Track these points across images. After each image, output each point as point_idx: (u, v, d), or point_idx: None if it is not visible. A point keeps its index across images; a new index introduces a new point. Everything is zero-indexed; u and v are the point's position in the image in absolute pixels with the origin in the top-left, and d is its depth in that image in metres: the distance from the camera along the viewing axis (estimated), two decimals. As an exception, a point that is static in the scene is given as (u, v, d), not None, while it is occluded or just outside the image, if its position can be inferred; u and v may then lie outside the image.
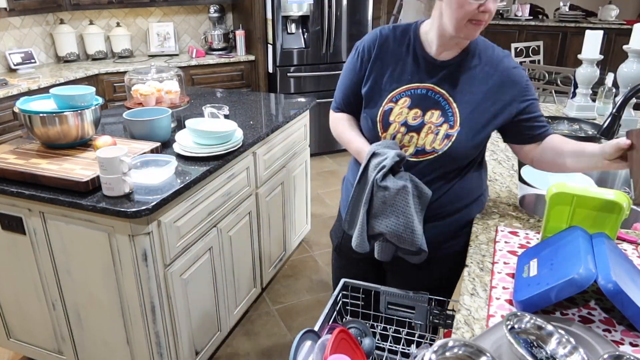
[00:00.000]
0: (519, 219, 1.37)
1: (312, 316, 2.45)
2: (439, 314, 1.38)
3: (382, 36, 1.33)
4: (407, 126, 1.28)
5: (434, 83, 1.27)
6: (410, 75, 1.29)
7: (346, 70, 1.40)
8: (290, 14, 3.96)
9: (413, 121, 1.27)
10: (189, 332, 1.87)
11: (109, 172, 1.52)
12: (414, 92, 1.28)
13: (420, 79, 1.28)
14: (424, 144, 1.27)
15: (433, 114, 1.26)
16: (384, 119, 1.30)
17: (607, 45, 5.00)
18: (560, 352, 0.81)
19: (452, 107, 1.26)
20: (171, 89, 2.22)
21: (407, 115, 1.28)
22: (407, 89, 1.29)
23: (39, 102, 1.88)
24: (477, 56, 1.27)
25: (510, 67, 1.27)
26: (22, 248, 1.76)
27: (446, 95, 1.26)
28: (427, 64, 1.28)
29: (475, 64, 1.27)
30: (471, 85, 1.26)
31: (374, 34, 1.35)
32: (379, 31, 1.35)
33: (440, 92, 1.27)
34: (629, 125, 2.01)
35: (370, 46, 1.34)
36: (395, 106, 1.29)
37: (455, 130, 1.24)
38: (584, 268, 0.89)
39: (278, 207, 2.50)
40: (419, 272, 1.43)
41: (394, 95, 1.30)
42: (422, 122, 1.27)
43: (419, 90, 1.28)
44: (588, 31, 2.14)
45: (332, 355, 1.12)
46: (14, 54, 3.50)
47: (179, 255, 1.74)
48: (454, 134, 1.24)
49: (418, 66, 1.29)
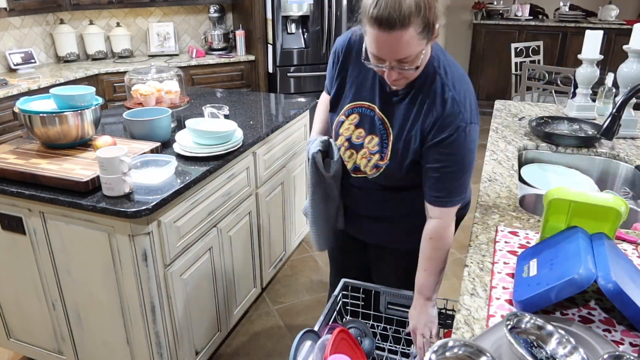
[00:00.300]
0: (519, 219, 1.37)
1: (312, 316, 2.45)
2: (439, 314, 1.38)
3: (350, 43, 1.33)
4: (350, 143, 1.34)
5: (381, 109, 1.29)
6: (367, 93, 1.31)
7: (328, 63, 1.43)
8: (290, 14, 3.96)
9: (356, 140, 1.33)
10: (189, 332, 1.87)
11: (109, 172, 1.52)
12: (364, 112, 1.32)
13: (373, 100, 1.30)
14: (360, 165, 1.35)
15: (372, 139, 1.30)
16: (336, 129, 1.37)
17: (607, 45, 5.00)
18: (560, 352, 0.81)
19: (388, 139, 1.28)
20: (171, 89, 2.22)
21: (352, 132, 1.33)
22: (360, 106, 1.32)
23: (39, 102, 1.88)
24: (421, 91, 1.22)
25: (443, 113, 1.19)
26: (22, 248, 1.76)
27: (387, 125, 1.28)
28: (381, 86, 1.28)
29: (416, 99, 1.23)
30: (408, 119, 1.24)
31: (345, 37, 1.36)
32: (349, 37, 1.34)
33: (383, 120, 1.29)
34: (629, 125, 2.01)
35: (339, 51, 1.36)
36: (346, 120, 1.34)
37: (384, 163, 1.29)
38: (584, 268, 0.89)
39: (278, 207, 2.50)
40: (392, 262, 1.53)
41: (348, 108, 1.34)
42: (362, 144, 1.32)
43: (368, 111, 1.31)
44: (588, 31, 2.14)
45: (332, 355, 1.13)
46: (14, 54, 3.50)
47: (179, 255, 1.74)
48: (382, 166, 1.30)
49: (374, 86, 1.30)
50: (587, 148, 1.89)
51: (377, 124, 1.29)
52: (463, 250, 3.01)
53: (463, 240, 3.11)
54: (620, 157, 1.84)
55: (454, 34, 5.76)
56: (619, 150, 1.88)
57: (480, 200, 1.49)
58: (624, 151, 1.88)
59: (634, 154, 1.85)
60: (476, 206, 1.46)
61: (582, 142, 1.89)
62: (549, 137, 1.94)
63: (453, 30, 5.77)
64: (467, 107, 1.20)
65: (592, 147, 1.90)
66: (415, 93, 1.23)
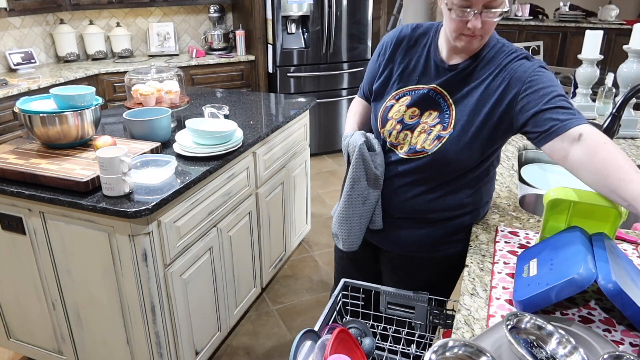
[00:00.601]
0: (519, 219, 1.37)
1: (312, 316, 2.45)
2: (439, 314, 1.38)
3: (400, 35, 1.34)
4: (403, 124, 1.28)
5: (438, 84, 1.26)
6: (419, 76, 1.29)
7: (370, 62, 1.44)
8: (290, 14, 3.96)
9: (410, 120, 1.28)
10: (189, 332, 1.87)
11: (109, 172, 1.52)
12: (417, 92, 1.28)
13: (426, 80, 1.28)
14: (416, 144, 1.26)
15: (430, 114, 1.26)
16: (384, 115, 1.32)
17: (607, 45, 5.00)
18: (560, 352, 0.81)
19: (450, 110, 1.24)
20: (171, 89, 2.22)
21: (404, 113, 1.29)
22: (412, 89, 1.29)
23: (39, 102, 1.88)
24: (487, 62, 1.22)
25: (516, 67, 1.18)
26: (22, 248, 1.76)
27: (447, 97, 1.25)
28: (436, 66, 1.27)
29: (483, 70, 1.22)
30: (474, 90, 1.22)
31: (395, 31, 1.37)
32: (400, 30, 1.36)
33: (442, 93, 1.25)
34: (629, 126, 2.01)
35: (388, 43, 1.36)
36: (396, 104, 1.30)
37: (447, 132, 1.22)
38: (584, 268, 0.89)
39: (278, 207, 2.50)
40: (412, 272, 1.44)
41: (397, 93, 1.31)
42: (418, 122, 1.27)
43: (423, 90, 1.27)
44: (588, 31, 2.14)
45: (332, 355, 1.13)
46: (14, 54, 3.50)
47: (179, 255, 1.74)
48: (445, 135, 1.22)
49: (427, 68, 1.29)
50: (587, 148, 1.89)
51: (436, 98, 1.26)
52: (463, 250, 3.01)
53: (463, 240, 3.12)
54: (620, 157, 1.84)
55: (454, 34, 5.75)
56: (619, 150, 1.88)
57: (480, 200, 1.49)
58: (624, 151, 1.88)
59: (634, 154, 1.85)
60: (476, 206, 1.46)
61: (582, 142, 1.89)
62: (549, 137, 1.94)
63: (453, 30, 5.76)
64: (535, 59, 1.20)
65: (592, 147, 1.90)
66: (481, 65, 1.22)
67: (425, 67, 1.29)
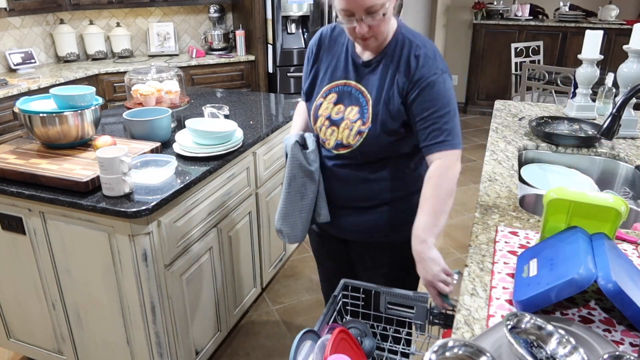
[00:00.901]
0: (519, 219, 1.37)
1: (312, 316, 2.45)
2: (439, 314, 1.38)
3: (322, 36, 1.45)
4: (330, 120, 1.38)
5: (357, 80, 1.36)
6: (341, 72, 1.39)
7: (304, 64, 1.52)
8: (290, 14, 3.96)
9: (336, 115, 1.38)
10: (189, 332, 1.87)
11: (109, 172, 1.52)
12: (341, 89, 1.38)
13: (348, 76, 1.38)
14: (342, 138, 1.37)
15: (352, 110, 1.35)
16: (315, 112, 1.42)
17: (607, 45, 5.00)
18: (560, 352, 0.81)
19: (368, 105, 1.33)
20: (171, 89, 2.22)
21: (331, 110, 1.38)
22: (336, 85, 1.39)
23: (39, 102, 1.88)
24: (390, 56, 1.32)
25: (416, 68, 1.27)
26: (22, 248, 1.76)
27: (365, 93, 1.35)
28: (353, 62, 1.38)
29: (387, 63, 1.32)
30: (384, 83, 1.32)
31: (318, 33, 1.47)
32: (321, 31, 1.47)
33: (360, 90, 1.35)
34: (629, 125, 2.01)
35: (313, 46, 1.47)
36: (324, 101, 1.40)
37: (366, 127, 1.32)
38: (584, 268, 0.89)
39: (278, 207, 2.50)
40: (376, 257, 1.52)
41: (325, 90, 1.41)
42: (342, 118, 1.37)
43: (345, 87, 1.38)
44: (588, 31, 2.14)
45: (332, 355, 1.13)
46: (14, 54, 3.50)
47: (179, 255, 1.74)
48: (365, 130, 1.33)
49: (347, 64, 1.39)
50: (587, 148, 1.90)
51: (355, 94, 1.36)
52: (463, 250, 3.01)
53: (463, 240, 3.12)
54: (620, 157, 1.85)
55: (454, 34, 5.77)
56: (619, 150, 1.88)
57: (480, 200, 1.49)
58: (624, 151, 1.88)
59: (634, 154, 1.85)
60: (476, 206, 1.46)
61: (582, 142, 1.89)
62: (549, 137, 1.94)
63: (453, 30, 5.77)
64: (438, 60, 1.30)
65: (592, 147, 1.90)
66: (387, 58, 1.32)
67: (345, 63, 1.39)
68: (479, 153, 4.56)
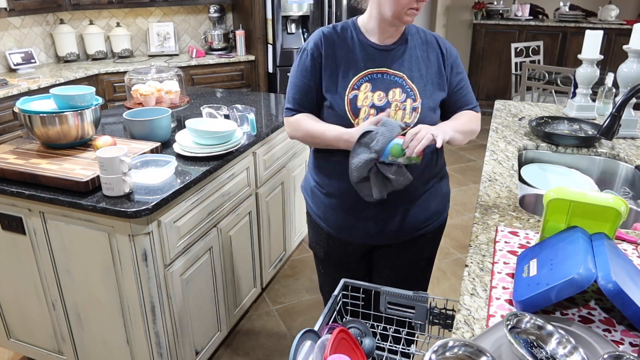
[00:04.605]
0: (519, 219, 1.37)
1: (312, 316, 2.45)
2: (439, 314, 1.38)
3: (325, 35, 1.43)
4: (376, 107, 1.36)
5: (386, 66, 1.38)
6: (363, 62, 1.39)
7: (297, 72, 1.44)
8: (290, 14, 3.96)
9: (379, 102, 1.36)
10: (189, 332, 1.87)
11: (109, 172, 1.52)
12: (372, 77, 1.38)
13: (373, 64, 1.39)
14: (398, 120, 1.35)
15: (395, 92, 1.36)
16: (352, 106, 1.37)
17: (607, 45, 5.00)
18: (560, 352, 0.81)
19: (408, 84, 1.38)
20: (171, 89, 2.22)
21: (372, 98, 1.37)
22: (365, 75, 1.38)
23: (39, 102, 1.88)
24: (413, 39, 1.42)
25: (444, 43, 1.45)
26: (22, 248, 1.76)
27: (400, 74, 1.38)
28: (374, 50, 1.39)
29: (413, 46, 1.41)
30: (416, 63, 1.39)
31: (318, 34, 1.44)
32: (321, 31, 1.44)
33: (394, 73, 1.38)
34: (629, 125, 2.01)
35: (318, 45, 1.41)
36: (359, 92, 1.37)
37: (418, 103, 1.37)
38: (584, 268, 0.89)
39: (278, 207, 2.50)
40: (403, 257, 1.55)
41: (354, 83, 1.38)
42: (388, 102, 1.36)
43: (375, 74, 1.38)
44: (588, 31, 2.14)
45: (332, 355, 1.13)
46: (14, 54, 3.50)
47: (179, 255, 1.74)
48: (418, 106, 1.37)
49: (367, 53, 1.39)
50: (587, 148, 1.90)
51: (389, 78, 1.38)
52: (463, 250, 3.01)
53: (463, 240, 3.12)
54: (620, 157, 1.85)
55: (454, 34, 5.76)
56: (619, 150, 1.88)
57: (480, 200, 1.49)
58: (624, 151, 1.88)
59: (634, 154, 1.85)
60: (476, 206, 1.46)
61: (582, 142, 1.89)
62: (549, 137, 1.94)
63: (453, 30, 5.77)
64: None
65: (592, 147, 1.90)
66: (411, 41, 1.41)
67: (365, 53, 1.40)
68: (479, 153, 4.56)
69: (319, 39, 1.42)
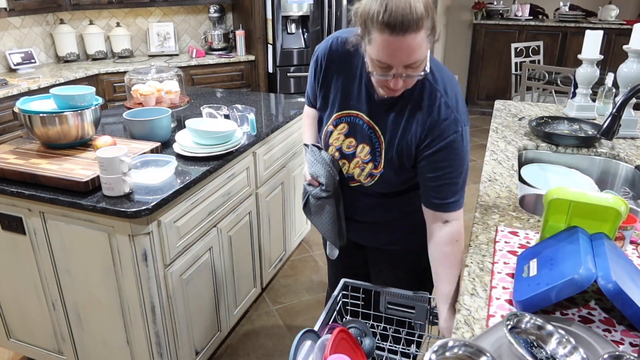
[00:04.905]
0: (519, 219, 1.37)
1: (312, 316, 2.45)
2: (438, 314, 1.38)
3: (332, 49, 1.31)
4: (341, 153, 1.34)
5: (370, 116, 1.26)
6: (354, 101, 1.28)
7: (309, 72, 1.41)
8: (290, 14, 3.96)
9: (347, 149, 1.33)
10: (189, 332, 1.87)
11: (109, 172, 1.52)
12: (352, 120, 1.30)
13: (360, 108, 1.27)
14: (353, 174, 1.34)
15: (364, 149, 1.30)
16: (325, 140, 1.36)
17: (607, 45, 5.00)
18: (560, 352, 0.81)
19: (380, 147, 1.26)
20: (171, 89, 2.22)
21: (342, 142, 1.33)
22: (348, 115, 1.30)
23: (39, 102, 1.88)
24: (412, 97, 1.21)
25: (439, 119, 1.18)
26: (22, 248, 1.76)
27: (378, 133, 1.26)
28: (368, 95, 1.26)
29: (408, 105, 1.21)
30: (399, 127, 1.23)
31: (326, 44, 1.33)
32: (330, 42, 1.32)
33: (374, 128, 1.26)
34: (629, 125, 2.01)
35: (321, 57, 1.33)
36: (334, 130, 1.33)
37: (378, 172, 1.29)
38: (584, 268, 0.89)
39: (278, 207, 2.50)
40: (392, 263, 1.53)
41: (335, 118, 1.32)
42: (354, 153, 1.32)
43: (357, 119, 1.29)
44: (588, 31, 2.14)
45: (332, 355, 1.13)
46: (14, 54, 3.50)
47: (179, 255, 1.74)
48: (377, 174, 1.29)
49: (360, 94, 1.27)
50: (587, 148, 1.90)
51: (367, 131, 1.27)
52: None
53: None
54: (620, 157, 1.85)
55: (454, 34, 5.76)
56: (619, 150, 1.88)
57: (480, 200, 1.49)
58: (624, 151, 1.88)
59: (634, 154, 1.85)
60: (476, 206, 1.46)
61: (582, 142, 1.89)
62: (549, 137, 1.94)
63: (453, 30, 5.77)
64: (460, 111, 1.19)
65: (592, 147, 1.90)
66: (405, 101, 1.21)
67: (359, 93, 1.27)
68: (479, 153, 4.56)
69: (325, 52, 1.32)
